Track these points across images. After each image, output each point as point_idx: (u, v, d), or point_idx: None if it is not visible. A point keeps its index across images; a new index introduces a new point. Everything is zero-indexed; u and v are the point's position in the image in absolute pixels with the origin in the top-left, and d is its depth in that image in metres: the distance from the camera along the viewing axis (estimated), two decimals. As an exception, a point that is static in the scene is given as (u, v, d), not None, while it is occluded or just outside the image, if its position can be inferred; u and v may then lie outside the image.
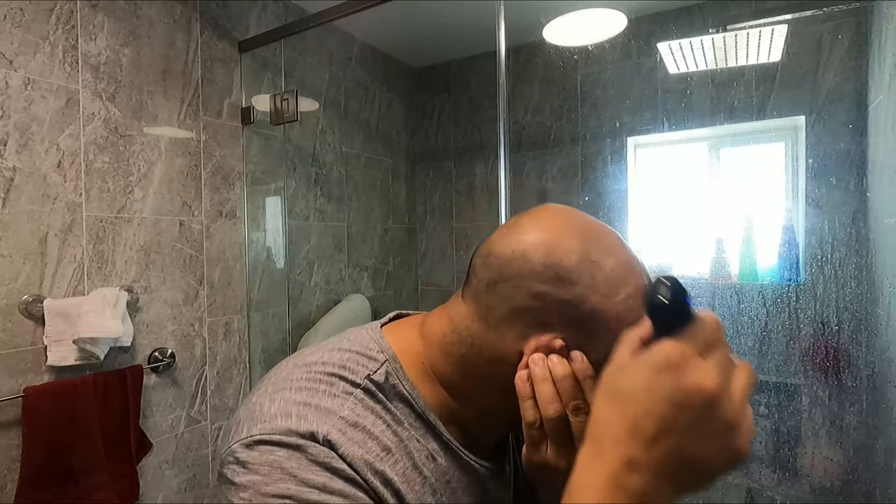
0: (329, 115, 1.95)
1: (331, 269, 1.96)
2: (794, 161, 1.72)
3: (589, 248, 0.45)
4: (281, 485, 0.38)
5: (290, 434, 0.40)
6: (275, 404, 0.43)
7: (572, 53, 1.99)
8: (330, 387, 0.44)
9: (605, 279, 0.43)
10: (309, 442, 0.40)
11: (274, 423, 0.41)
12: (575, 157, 2.04)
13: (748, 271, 1.72)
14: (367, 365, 0.47)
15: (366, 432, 0.43)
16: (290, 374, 0.46)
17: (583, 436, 0.38)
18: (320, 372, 0.46)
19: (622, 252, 0.46)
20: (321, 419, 0.41)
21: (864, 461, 1.53)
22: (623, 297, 0.43)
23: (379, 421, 0.44)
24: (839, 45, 1.57)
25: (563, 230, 0.45)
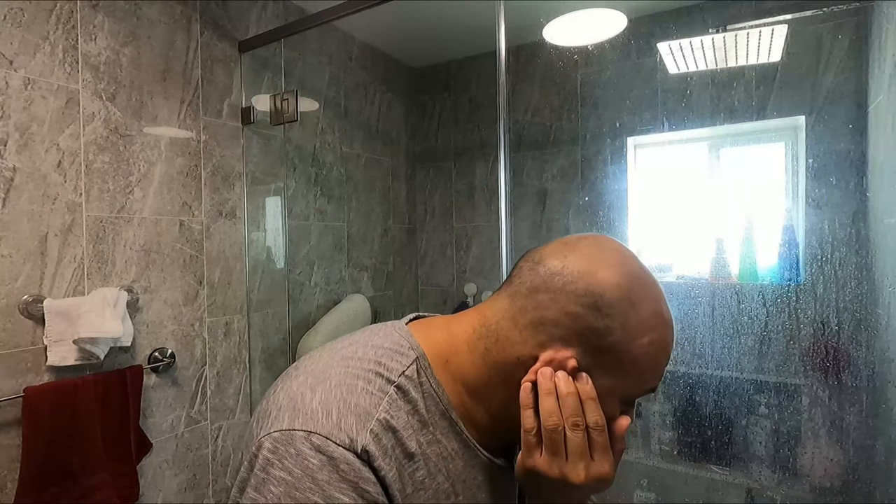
0: (329, 115, 1.95)
1: (331, 269, 1.96)
2: (794, 161, 1.72)
3: (633, 291, 0.47)
4: (309, 495, 0.39)
5: (328, 441, 0.41)
6: (316, 397, 0.44)
7: (572, 53, 1.99)
8: (368, 384, 0.46)
9: (637, 322, 0.46)
10: (346, 453, 0.41)
11: (315, 420, 0.42)
12: (575, 157, 2.04)
13: (748, 271, 1.72)
14: (400, 361, 0.48)
15: (396, 437, 0.44)
16: (328, 367, 0.47)
17: (578, 450, 0.45)
18: (358, 368, 0.47)
19: (661, 305, 0.48)
20: (360, 423, 0.43)
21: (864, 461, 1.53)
22: (646, 342, 0.46)
23: (408, 425, 0.46)
24: (839, 45, 1.57)
25: (616, 267, 0.48)
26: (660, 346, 0.47)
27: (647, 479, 1.82)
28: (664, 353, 0.48)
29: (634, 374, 0.47)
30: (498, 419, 0.51)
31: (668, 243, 1.98)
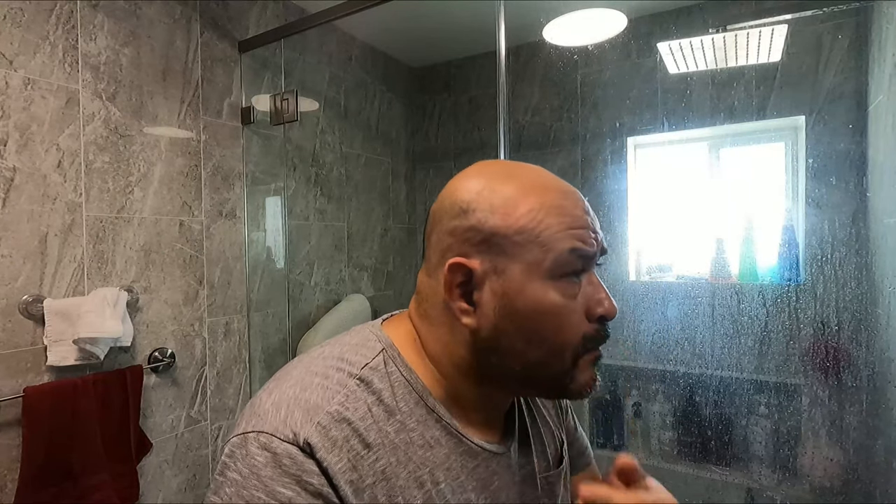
0: (329, 115, 1.95)
1: (331, 269, 1.96)
2: (794, 161, 1.72)
3: (488, 181, 0.49)
4: (254, 492, 0.41)
5: (273, 437, 0.42)
6: (271, 397, 0.46)
7: (572, 53, 1.99)
8: (325, 379, 0.47)
9: (502, 201, 0.47)
10: (288, 447, 0.42)
11: (265, 420, 0.44)
12: (575, 157, 2.04)
13: (748, 271, 1.72)
14: (365, 354, 0.49)
15: (350, 428, 0.44)
16: (292, 368, 0.49)
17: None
18: (319, 366, 0.48)
19: (530, 177, 0.49)
20: (306, 417, 0.43)
21: (864, 461, 1.53)
22: (523, 211, 0.46)
23: (368, 415, 0.46)
24: (839, 45, 1.57)
25: (471, 172, 0.51)
26: (543, 207, 0.47)
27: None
28: (554, 211, 0.47)
29: (532, 243, 0.46)
30: (483, 391, 0.51)
31: (668, 243, 1.98)
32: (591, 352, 0.49)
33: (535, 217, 0.46)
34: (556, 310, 0.46)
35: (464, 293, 0.48)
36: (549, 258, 0.46)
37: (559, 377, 0.49)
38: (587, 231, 0.48)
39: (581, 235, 0.47)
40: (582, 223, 0.48)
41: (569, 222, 0.47)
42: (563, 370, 0.48)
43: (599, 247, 0.49)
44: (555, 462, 0.60)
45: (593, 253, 0.48)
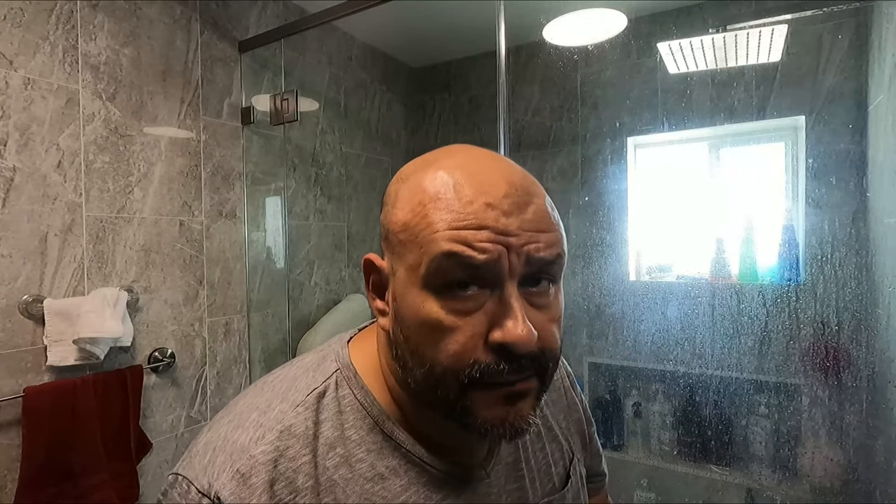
0: (329, 115, 1.95)
1: (331, 269, 1.96)
2: (794, 161, 1.72)
3: (410, 168, 0.44)
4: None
5: (191, 485, 0.40)
6: (206, 435, 0.44)
7: (572, 53, 1.99)
8: (261, 415, 0.43)
9: (403, 192, 0.42)
10: (202, 499, 0.40)
11: (191, 464, 0.42)
12: (575, 157, 2.04)
13: (748, 271, 1.72)
14: (315, 378, 0.46)
15: (275, 471, 0.41)
16: (241, 398, 0.47)
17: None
18: (266, 395, 0.45)
19: (443, 162, 0.41)
20: (226, 463, 0.41)
21: (864, 461, 1.53)
22: (413, 203, 0.40)
23: (301, 453, 0.42)
24: (839, 45, 1.57)
25: (416, 162, 0.44)
26: (431, 199, 0.39)
27: (647, 479, 1.82)
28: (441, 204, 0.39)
29: (412, 242, 0.39)
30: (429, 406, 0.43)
31: (668, 243, 1.98)
32: (491, 387, 0.39)
33: (419, 211, 0.39)
34: (433, 324, 0.38)
35: (377, 291, 0.45)
36: (424, 262, 0.38)
37: (448, 406, 0.40)
38: (482, 233, 0.37)
39: (465, 237, 0.37)
40: (474, 223, 0.37)
41: (451, 220, 0.38)
42: (449, 400, 0.40)
43: (524, 257, 0.38)
44: (560, 483, 0.53)
45: (484, 262, 0.37)
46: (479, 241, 0.37)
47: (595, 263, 1.96)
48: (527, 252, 0.38)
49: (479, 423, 0.39)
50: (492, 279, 0.38)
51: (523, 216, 0.39)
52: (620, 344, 1.90)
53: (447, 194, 0.39)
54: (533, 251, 0.38)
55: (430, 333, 0.39)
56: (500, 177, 0.40)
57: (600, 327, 1.95)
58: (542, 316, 0.40)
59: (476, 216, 0.38)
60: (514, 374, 0.39)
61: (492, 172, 0.40)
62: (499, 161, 0.43)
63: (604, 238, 1.95)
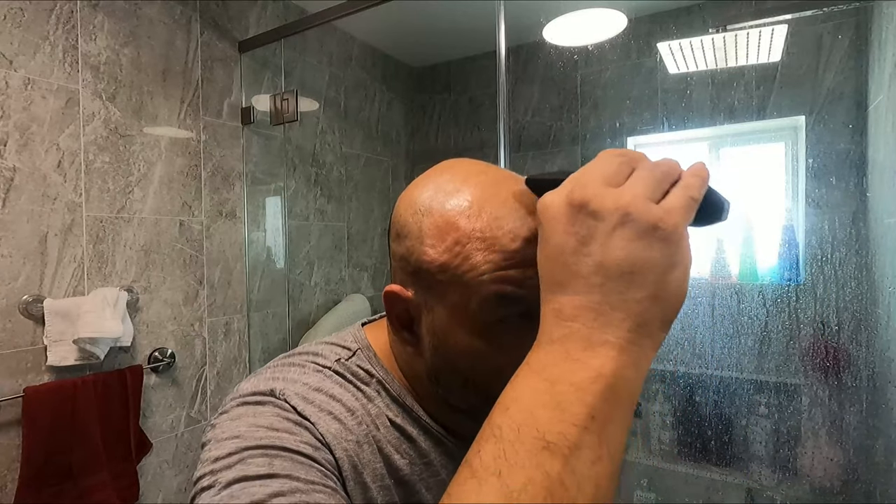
0: (329, 115, 1.95)
1: (331, 269, 1.96)
2: (794, 161, 1.72)
3: (428, 197, 0.41)
4: (233, 429, 0.39)
5: (251, 394, 0.42)
6: (249, 382, 0.45)
7: (572, 53, 1.99)
8: (301, 368, 0.46)
9: (429, 228, 0.40)
10: (267, 397, 0.41)
11: (244, 390, 0.43)
12: (575, 157, 2.04)
13: (748, 271, 1.72)
14: (338, 352, 0.48)
15: (329, 395, 0.43)
16: (269, 364, 0.49)
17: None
18: (295, 359, 0.48)
19: (467, 195, 0.40)
20: (283, 383, 0.43)
21: (864, 461, 1.53)
22: (449, 243, 0.39)
23: (346, 392, 0.44)
24: (839, 45, 1.57)
25: (420, 184, 0.43)
26: (470, 239, 0.38)
27: (647, 479, 1.82)
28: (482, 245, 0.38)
29: (455, 283, 0.39)
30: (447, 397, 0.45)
31: (668, 243, 1.97)
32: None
33: (460, 252, 0.38)
34: (488, 356, 0.39)
35: (404, 322, 0.44)
36: (474, 302, 0.38)
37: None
38: (530, 270, 0.36)
39: (511, 278, 0.37)
40: (516, 259, 0.37)
41: (497, 260, 0.37)
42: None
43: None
44: None
45: (525, 296, 0.37)
46: (528, 277, 0.37)
47: (595, 263, 1.95)
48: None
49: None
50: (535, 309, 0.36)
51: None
52: (620, 344, 1.90)
53: (486, 232, 0.38)
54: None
55: (485, 363, 0.40)
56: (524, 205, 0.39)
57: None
58: None
59: (522, 254, 0.37)
60: None
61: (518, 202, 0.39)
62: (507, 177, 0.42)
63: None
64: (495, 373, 0.36)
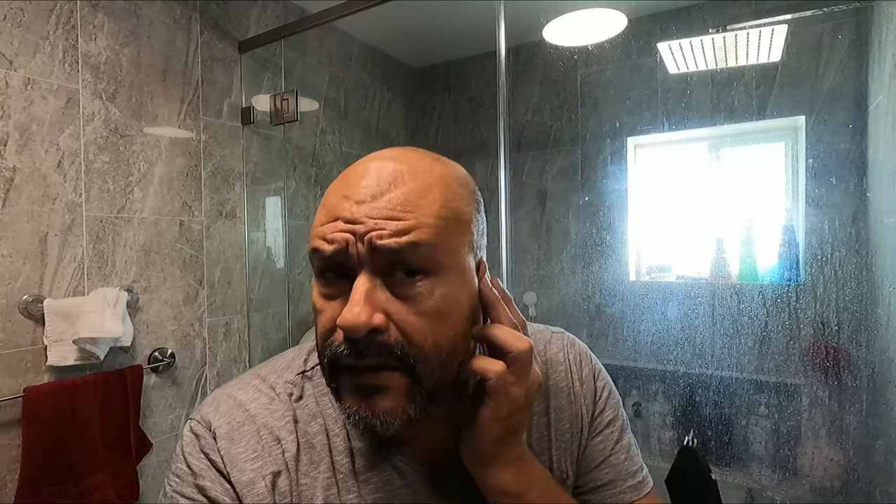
0: (329, 115, 1.95)
1: (331, 269, 1.96)
2: (794, 161, 1.72)
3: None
4: (179, 465, 0.45)
5: (199, 423, 0.46)
6: (217, 391, 0.50)
7: (572, 53, 1.99)
8: (262, 382, 0.49)
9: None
10: (205, 431, 0.46)
11: (204, 408, 0.48)
12: (575, 157, 2.04)
13: (748, 271, 1.72)
14: (305, 362, 0.51)
15: (264, 425, 0.46)
16: (241, 375, 0.52)
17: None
18: (266, 369, 0.51)
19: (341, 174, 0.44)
20: (227, 410, 0.47)
21: (864, 461, 1.53)
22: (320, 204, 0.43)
23: (286, 416, 0.47)
24: (839, 45, 1.57)
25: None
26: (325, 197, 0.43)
27: (647, 479, 1.82)
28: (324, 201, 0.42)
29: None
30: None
31: (668, 243, 1.97)
32: (351, 371, 0.40)
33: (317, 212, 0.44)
34: (313, 307, 0.43)
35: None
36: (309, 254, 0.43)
37: (332, 391, 0.44)
38: (335, 224, 0.39)
39: (322, 232, 0.40)
40: (332, 215, 0.40)
41: (321, 216, 0.41)
42: (329, 382, 0.43)
43: (366, 245, 0.38)
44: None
45: (332, 253, 0.39)
46: (331, 231, 0.39)
47: (595, 263, 1.96)
48: (369, 239, 0.38)
49: (342, 407, 0.42)
50: (346, 268, 0.40)
51: (374, 204, 0.39)
52: (620, 344, 1.90)
53: (329, 192, 0.42)
54: (376, 238, 0.38)
55: (315, 317, 0.43)
56: (375, 169, 0.41)
57: (600, 327, 1.95)
58: (403, 307, 0.39)
59: (334, 208, 0.40)
60: (357, 359, 0.39)
61: (369, 167, 0.42)
62: (394, 154, 0.43)
63: (604, 238, 1.95)
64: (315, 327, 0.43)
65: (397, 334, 0.39)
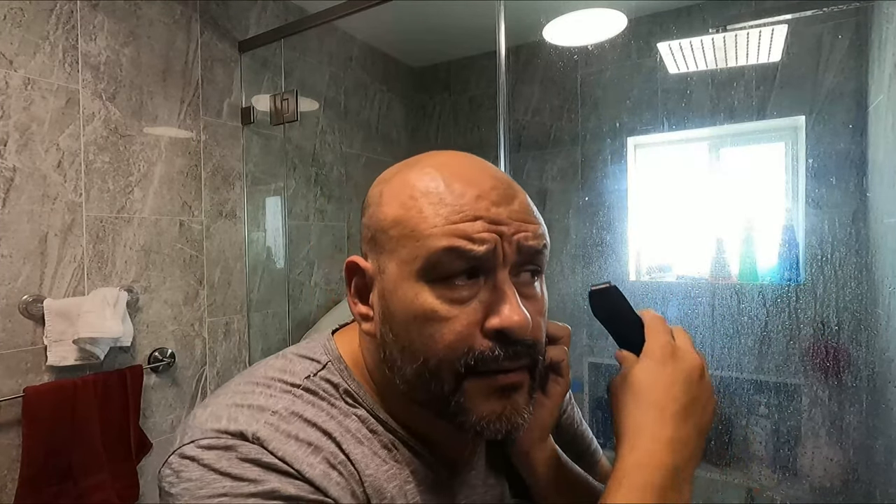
0: (329, 115, 1.95)
1: (331, 269, 1.96)
2: (794, 161, 1.72)
3: (391, 171, 0.45)
4: (215, 485, 0.36)
5: (219, 435, 0.39)
6: (207, 410, 0.41)
7: (572, 53, 1.99)
8: (267, 388, 0.43)
9: (388, 191, 0.42)
10: (238, 441, 0.38)
11: (203, 427, 0.40)
12: (575, 157, 2.04)
13: (748, 271, 1.72)
14: (307, 367, 0.45)
15: (304, 420, 0.41)
16: (229, 384, 0.45)
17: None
18: (260, 376, 0.44)
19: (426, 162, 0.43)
20: (251, 418, 0.40)
21: (864, 461, 1.53)
22: (403, 199, 0.40)
23: (321, 412, 0.43)
24: (839, 45, 1.57)
25: (396, 166, 0.46)
26: (423, 195, 0.40)
27: (647, 479, 1.82)
28: (434, 198, 0.39)
29: (406, 237, 0.40)
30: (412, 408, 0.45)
31: (668, 243, 1.97)
32: (485, 376, 0.39)
33: (412, 206, 0.40)
34: (430, 315, 0.39)
35: (360, 293, 0.44)
36: (421, 256, 0.39)
37: (441, 402, 0.40)
38: (477, 224, 0.38)
39: (464, 231, 0.38)
40: (469, 214, 0.38)
41: (447, 214, 0.39)
42: (443, 394, 0.40)
43: (514, 245, 0.39)
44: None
45: (484, 254, 0.38)
46: (477, 231, 0.38)
47: (595, 263, 1.96)
48: (517, 240, 0.39)
49: (473, 419, 0.40)
50: (487, 268, 0.39)
51: (511, 207, 0.40)
52: (620, 344, 1.90)
53: (438, 188, 0.40)
54: (523, 239, 0.40)
55: (424, 325, 0.39)
56: (483, 171, 0.42)
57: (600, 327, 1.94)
58: (531, 307, 0.41)
59: (470, 207, 0.39)
60: (510, 360, 0.39)
61: (474, 168, 0.42)
62: (479, 159, 0.44)
63: (604, 238, 1.95)
64: (428, 339, 0.39)
65: (532, 332, 0.40)
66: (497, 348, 0.39)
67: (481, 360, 0.39)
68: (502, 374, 0.40)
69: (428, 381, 0.40)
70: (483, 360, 0.39)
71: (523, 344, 0.39)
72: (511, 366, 0.40)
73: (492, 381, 0.40)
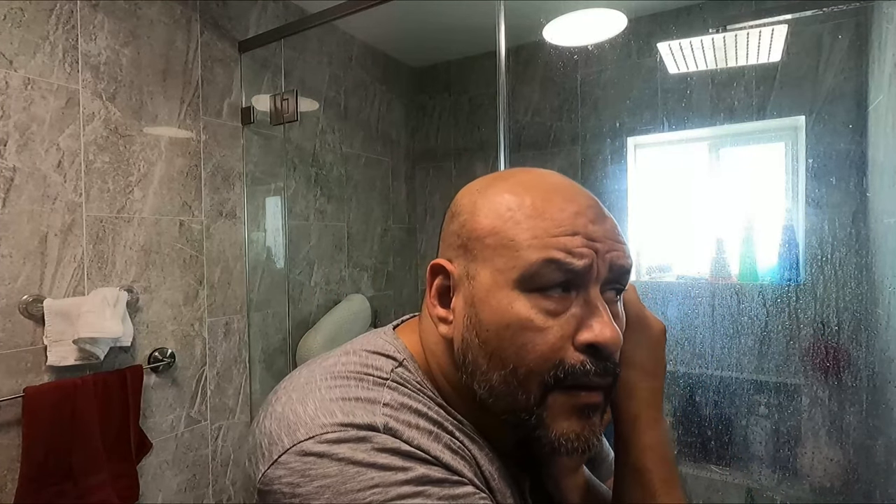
0: (329, 115, 1.95)
1: (331, 269, 1.96)
2: (794, 161, 1.72)
3: (486, 182, 0.46)
4: (360, 477, 0.35)
5: (345, 428, 0.37)
6: (309, 406, 0.39)
7: (572, 53, 1.99)
8: (359, 381, 0.42)
9: (484, 202, 0.43)
10: (370, 432, 0.37)
11: (320, 422, 0.37)
12: (575, 157, 2.04)
13: (748, 271, 1.72)
14: (386, 363, 0.45)
15: (413, 411, 0.41)
16: (311, 380, 0.42)
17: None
18: (344, 372, 0.43)
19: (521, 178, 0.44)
20: (368, 410, 0.39)
21: (864, 461, 1.53)
22: (501, 211, 0.42)
23: (420, 404, 0.42)
24: (839, 45, 1.57)
25: (481, 178, 0.47)
26: (522, 208, 0.41)
27: (647, 479, 1.82)
28: (534, 212, 0.40)
29: (503, 247, 0.40)
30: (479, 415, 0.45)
31: (668, 243, 1.97)
32: (571, 391, 0.40)
33: (511, 217, 0.41)
34: (522, 324, 0.39)
35: (443, 299, 0.45)
36: (520, 266, 0.39)
37: (522, 414, 0.40)
38: (576, 239, 0.40)
39: (564, 244, 0.39)
40: (569, 229, 0.40)
41: (548, 227, 0.40)
42: (527, 405, 0.40)
43: (608, 263, 0.41)
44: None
45: (582, 268, 0.39)
46: (577, 246, 0.40)
47: (595, 263, 1.95)
48: (610, 259, 0.41)
49: (553, 435, 0.40)
50: (581, 283, 0.40)
51: (605, 226, 0.42)
52: (620, 344, 1.89)
53: (537, 202, 0.41)
54: (615, 258, 0.41)
55: (517, 334, 0.40)
56: (579, 191, 0.44)
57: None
58: (617, 325, 0.41)
59: (570, 223, 0.40)
60: (598, 377, 0.40)
61: (571, 187, 0.44)
62: (570, 179, 0.46)
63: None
64: (520, 348, 0.39)
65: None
66: (588, 363, 0.39)
67: (571, 373, 0.39)
68: (585, 391, 0.40)
69: (515, 390, 0.40)
70: (573, 373, 0.39)
71: (612, 361, 0.41)
72: (598, 382, 0.40)
73: (575, 397, 0.40)
